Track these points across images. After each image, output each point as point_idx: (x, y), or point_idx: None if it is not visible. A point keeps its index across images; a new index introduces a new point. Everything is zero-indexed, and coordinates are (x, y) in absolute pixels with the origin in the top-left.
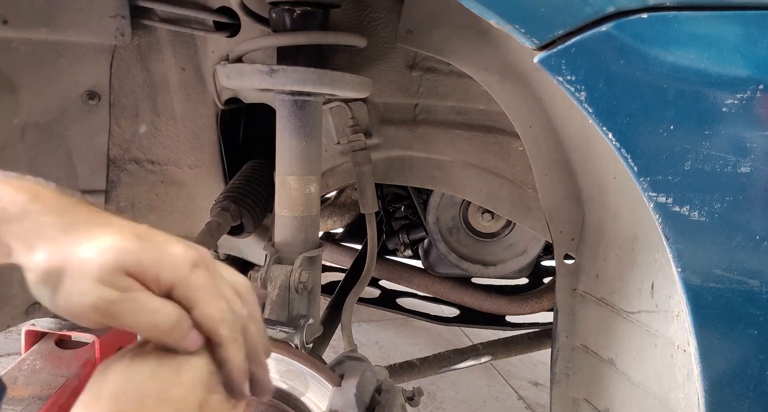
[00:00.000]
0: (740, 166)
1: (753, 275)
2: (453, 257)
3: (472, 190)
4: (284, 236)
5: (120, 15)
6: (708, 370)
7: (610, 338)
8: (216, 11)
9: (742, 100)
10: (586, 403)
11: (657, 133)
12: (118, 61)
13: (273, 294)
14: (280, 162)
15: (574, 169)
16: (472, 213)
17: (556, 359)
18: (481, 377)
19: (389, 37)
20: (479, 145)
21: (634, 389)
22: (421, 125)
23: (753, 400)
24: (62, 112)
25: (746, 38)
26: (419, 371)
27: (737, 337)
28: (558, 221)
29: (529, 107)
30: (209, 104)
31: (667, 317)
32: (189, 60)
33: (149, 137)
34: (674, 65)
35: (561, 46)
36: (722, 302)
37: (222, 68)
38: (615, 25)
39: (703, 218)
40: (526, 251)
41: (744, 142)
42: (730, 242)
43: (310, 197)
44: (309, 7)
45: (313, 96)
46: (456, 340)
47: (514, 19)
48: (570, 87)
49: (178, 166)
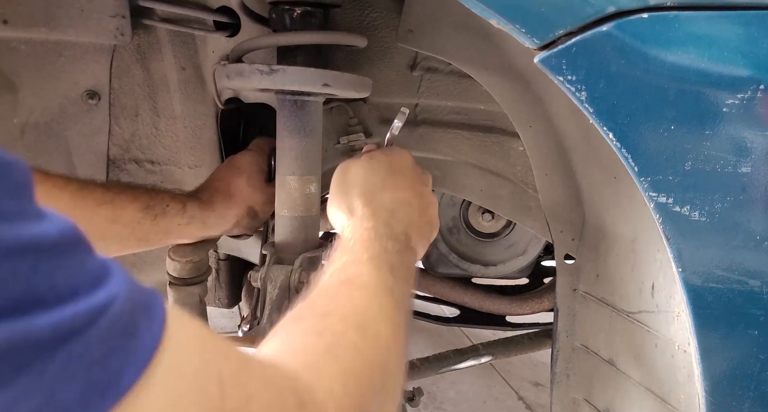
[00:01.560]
0: (741, 167)
1: (754, 276)
2: (453, 257)
3: (472, 190)
4: (284, 236)
5: (120, 15)
6: (708, 370)
7: (611, 338)
8: (216, 11)
9: (743, 100)
10: (586, 403)
11: (658, 133)
12: (118, 60)
13: (273, 294)
14: (280, 162)
15: (575, 169)
16: (473, 213)
17: (556, 359)
18: (481, 377)
19: (389, 37)
20: (479, 145)
21: (635, 389)
22: (422, 125)
23: (754, 400)
24: (62, 112)
25: (747, 38)
26: (419, 371)
27: (738, 337)
28: (558, 221)
29: (529, 107)
30: (209, 104)
31: (667, 317)
32: (189, 60)
33: (149, 137)
34: (675, 65)
35: (561, 46)
36: (723, 302)
37: (222, 68)
38: (615, 25)
39: (703, 218)
40: (527, 251)
41: (745, 143)
42: (730, 242)
43: (310, 197)
44: (309, 7)
45: (313, 96)
46: (456, 340)
47: (515, 19)
48: (570, 87)
49: (178, 166)
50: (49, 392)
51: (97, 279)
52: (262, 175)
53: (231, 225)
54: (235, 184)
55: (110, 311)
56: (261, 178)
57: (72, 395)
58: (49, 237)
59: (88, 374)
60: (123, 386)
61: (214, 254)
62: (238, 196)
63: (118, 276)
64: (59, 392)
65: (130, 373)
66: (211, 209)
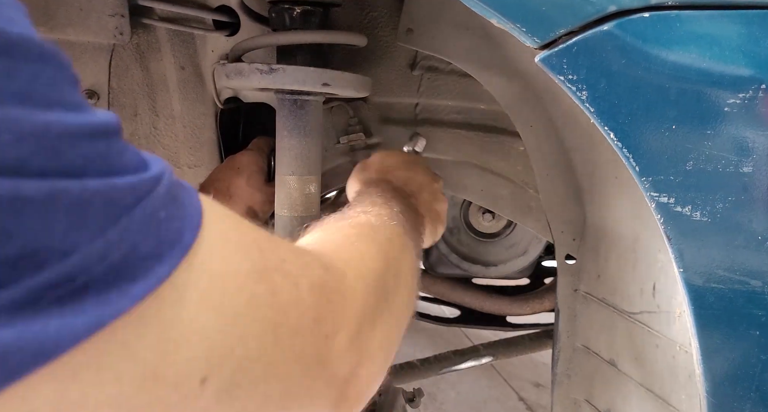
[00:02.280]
0: (742, 166)
1: (755, 276)
2: (454, 257)
3: (472, 190)
4: (284, 236)
5: (119, 14)
6: (710, 371)
7: (612, 338)
8: (215, 10)
9: (745, 99)
10: (587, 404)
11: (659, 133)
12: (117, 60)
13: None
14: (279, 162)
15: (576, 169)
16: (473, 213)
17: (557, 359)
18: (481, 378)
19: (390, 36)
20: (480, 145)
21: (636, 389)
22: (422, 125)
23: (755, 401)
24: None
25: (749, 38)
26: (419, 372)
27: (739, 338)
28: (559, 221)
29: (530, 107)
30: (208, 103)
31: (668, 317)
32: (188, 59)
33: (148, 137)
34: (676, 65)
35: (562, 46)
36: (724, 302)
37: (221, 67)
38: (617, 24)
39: (705, 218)
40: (527, 251)
41: (746, 142)
42: (732, 242)
43: (310, 197)
44: (309, 5)
45: (313, 95)
46: (456, 341)
47: (516, 19)
48: (571, 86)
49: (177, 165)
50: (133, 242)
51: (145, 159)
52: (262, 175)
53: None
54: (234, 184)
55: (162, 182)
56: (261, 178)
57: (149, 248)
58: (112, 124)
59: (158, 231)
60: (186, 244)
61: None
62: (238, 196)
63: (157, 158)
64: (140, 244)
65: (188, 235)
66: None
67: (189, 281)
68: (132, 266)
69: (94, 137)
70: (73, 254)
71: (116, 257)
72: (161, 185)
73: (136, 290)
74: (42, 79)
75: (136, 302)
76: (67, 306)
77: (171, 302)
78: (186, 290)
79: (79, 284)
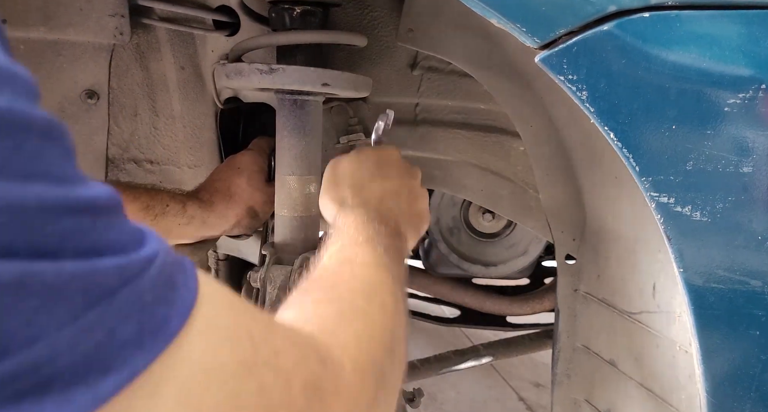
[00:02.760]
0: (742, 166)
1: (755, 276)
2: (454, 257)
3: (472, 190)
4: (284, 236)
5: (119, 14)
6: (710, 371)
7: (612, 338)
8: (215, 10)
9: (744, 99)
10: (587, 404)
11: (659, 133)
12: (117, 60)
13: (273, 295)
14: (279, 162)
15: (576, 169)
16: (473, 213)
17: (557, 359)
18: (482, 378)
19: (390, 36)
20: (480, 145)
21: (636, 390)
22: (422, 125)
23: (755, 401)
24: (61, 111)
25: (749, 37)
26: (420, 372)
27: (739, 338)
28: (559, 221)
29: (530, 107)
30: (208, 104)
31: (668, 317)
32: (188, 59)
33: (148, 137)
34: (676, 65)
35: (562, 46)
36: (724, 302)
37: (221, 67)
38: (617, 24)
39: (705, 218)
40: (527, 251)
41: (746, 142)
42: (732, 242)
43: (310, 197)
44: (309, 5)
45: (313, 95)
46: (456, 341)
47: (516, 19)
48: (571, 86)
49: (177, 165)
50: (110, 328)
51: (139, 238)
52: (262, 175)
53: (231, 225)
54: (235, 184)
55: (154, 263)
56: (261, 178)
57: (129, 335)
58: (101, 199)
59: (141, 317)
60: (171, 332)
61: (214, 254)
62: (238, 196)
63: (155, 236)
64: (119, 329)
65: (175, 321)
66: (211, 209)
67: (168, 374)
68: (106, 356)
69: (76, 213)
70: (38, 342)
71: (89, 346)
72: (153, 267)
73: (106, 384)
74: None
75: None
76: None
77: (145, 397)
78: (163, 384)
79: (42, 375)
